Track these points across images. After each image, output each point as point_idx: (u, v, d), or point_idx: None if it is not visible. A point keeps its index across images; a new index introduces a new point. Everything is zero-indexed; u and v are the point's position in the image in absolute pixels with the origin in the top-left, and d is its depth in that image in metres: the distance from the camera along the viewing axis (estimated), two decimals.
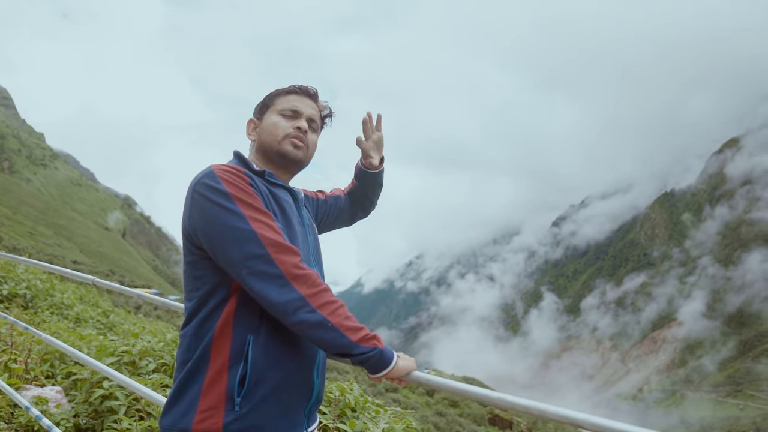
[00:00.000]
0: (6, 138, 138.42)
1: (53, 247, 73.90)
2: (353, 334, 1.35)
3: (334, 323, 1.34)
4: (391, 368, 1.38)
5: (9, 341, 5.57)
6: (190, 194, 1.48)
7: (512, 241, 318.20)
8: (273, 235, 1.41)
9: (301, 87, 1.74)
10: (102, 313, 10.24)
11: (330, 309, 1.35)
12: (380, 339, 1.40)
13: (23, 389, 4.31)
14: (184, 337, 1.48)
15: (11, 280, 9.67)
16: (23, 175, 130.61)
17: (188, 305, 1.50)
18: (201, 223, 1.44)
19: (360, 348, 1.35)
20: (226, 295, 1.44)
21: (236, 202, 1.42)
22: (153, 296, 2.37)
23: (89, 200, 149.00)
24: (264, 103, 1.74)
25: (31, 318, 7.89)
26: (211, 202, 1.42)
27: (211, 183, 1.44)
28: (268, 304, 1.36)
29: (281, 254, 1.38)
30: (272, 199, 1.56)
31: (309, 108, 1.72)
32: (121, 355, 4.57)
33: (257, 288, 1.36)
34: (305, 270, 1.39)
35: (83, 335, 5.99)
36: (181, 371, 1.45)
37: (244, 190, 1.46)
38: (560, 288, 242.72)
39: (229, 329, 1.42)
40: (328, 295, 1.38)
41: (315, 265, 1.63)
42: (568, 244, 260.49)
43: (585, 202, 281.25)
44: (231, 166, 1.52)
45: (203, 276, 1.47)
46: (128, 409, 3.82)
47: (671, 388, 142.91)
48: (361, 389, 4.78)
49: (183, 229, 1.51)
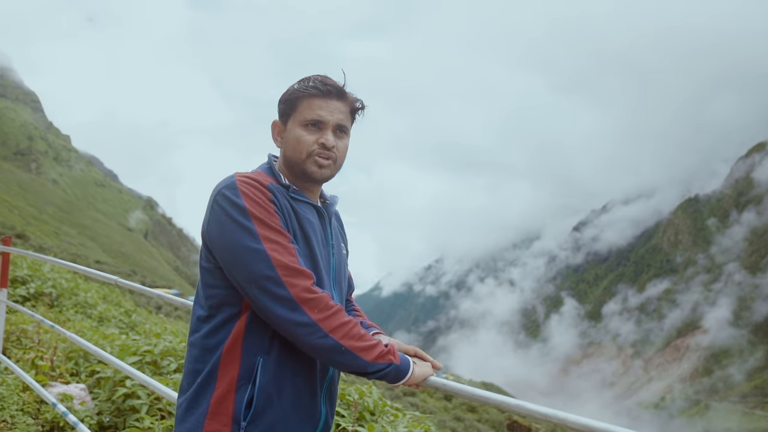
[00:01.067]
0: (34, 140, 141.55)
1: (77, 246, 75.24)
2: (367, 353, 1.34)
3: (347, 346, 1.33)
4: (407, 379, 1.39)
5: (36, 339, 5.70)
6: (210, 202, 1.45)
7: (532, 246, 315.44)
8: (285, 257, 1.36)
9: (326, 85, 1.54)
10: (124, 313, 10.40)
11: (342, 332, 1.34)
12: (395, 351, 1.39)
13: (49, 386, 4.40)
14: (193, 347, 1.46)
15: (38, 278, 9.86)
16: (50, 176, 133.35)
17: (198, 312, 1.48)
18: (216, 235, 1.42)
19: (376, 366, 1.35)
20: (237, 311, 1.42)
21: (252, 220, 1.38)
22: (172, 297, 2.39)
23: (112, 201, 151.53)
24: (286, 106, 1.59)
25: (56, 316, 8.04)
26: (227, 216, 1.39)
27: (230, 195, 1.41)
28: (278, 326, 1.35)
29: (292, 277, 1.34)
30: (294, 218, 1.49)
31: (336, 113, 1.55)
32: (143, 355, 4.63)
33: (267, 309, 1.34)
34: (316, 294, 1.36)
35: (106, 334, 6.09)
36: (191, 382, 1.44)
37: (264, 207, 1.41)
38: (581, 293, 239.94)
39: (238, 348, 1.40)
40: (340, 316, 1.36)
41: (334, 287, 1.58)
42: (589, 249, 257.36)
43: (606, 207, 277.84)
44: (255, 178, 1.46)
45: (216, 285, 1.45)
46: (150, 408, 3.88)
47: (695, 398, 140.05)
48: (380, 393, 4.78)
49: (202, 233, 1.49)
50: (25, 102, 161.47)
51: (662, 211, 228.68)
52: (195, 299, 1.52)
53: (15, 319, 6.74)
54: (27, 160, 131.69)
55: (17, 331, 5.97)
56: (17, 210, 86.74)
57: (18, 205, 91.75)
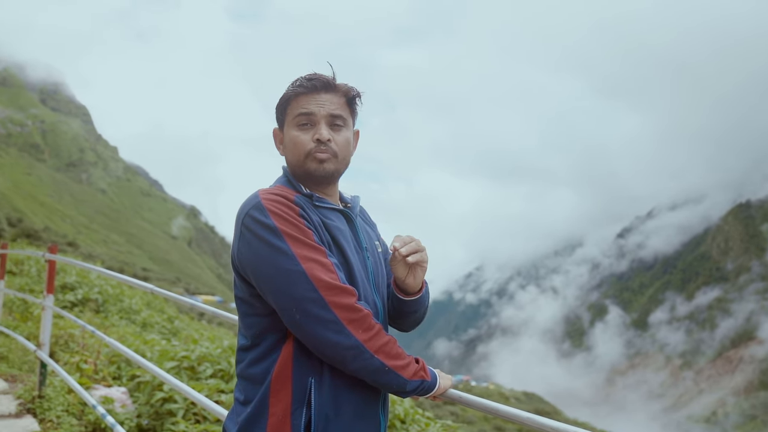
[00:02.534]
0: (85, 152, 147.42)
1: (125, 254, 77.72)
2: (405, 371, 1.34)
3: (390, 366, 1.32)
4: (434, 392, 1.40)
5: (81, 343, 5.92)
6: (238, 226, 1.39)
7: (575, 253, 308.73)
8: (326, 275, 1.31)
9: (311, 80, 1.47)
10: (167, 319, 10.69)
11: (386, 352, 1.32)
12: (425, 367, 1.39)
13: (92, 389, 4.57)
14: (241, 378, 1.44)
15: (85, 285, 10.26)
16: (99, 186, 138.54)
17: (241, 342, 1.45)
18: (249, 260, 1.36)
19: (413, 384, 1.35)
20: (282, 336, 1.38)
21: (286, 239, 1.32)
22: (205, 306, 2.45)
23: (158, 210, 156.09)
24: (279, 111, 1.54)
25: (102, 322, 8.34)
26: (259, 239, 1.34)
27: (259, 217, 1.35)
28: (323, 350, 1.31)
29: (335, 296, 1.30)
30: (324, 228, 1.43)
31: (326, 105, 1.47)
32: (181, 360, 4.76)
33: (311, 334, 1.30)
34: (360, 312, 1.32)
35: (147, 339, 6.28)
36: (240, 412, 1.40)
37: (295, 223, 1.35)
38: (625, 301, 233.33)
39: (288, 373, 1.36)
40: (382, 336, 1.34)
41: (375, 292, 1.51)
42: (634, 257, 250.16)
43: (652, 212, 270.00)
44: (280, 193, 1.40)
45: (255, 314, 1.40)
46: (186, 413, 3.98)
47: (751, 412, 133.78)
48: (415, 401, 4.77)
49: (232, 261, 1.43)
50: (76, 115, 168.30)
51: (711, 217, 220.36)
52: (238, 331, 1.49)
53: (63, 324, 7.03)
54: (78, 171, 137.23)
55: (65, 335, 6.22)
56: (69, 219, 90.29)
57: (70, 214, 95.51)
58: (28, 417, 4.10)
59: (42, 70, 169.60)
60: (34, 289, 9.90)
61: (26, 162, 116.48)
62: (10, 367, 5.43)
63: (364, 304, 1.37)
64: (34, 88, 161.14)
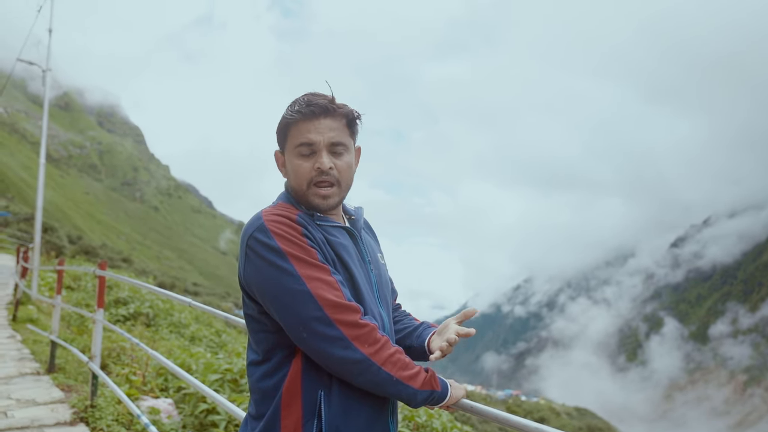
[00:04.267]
0: (139, 171, 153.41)
1: (176, 269, 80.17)
2: (414, 381, 1.35)
3: (398, 377, 1.34)
4: (445, 402, 1.41)
5: (131, 356, 6.15)
6: (243, 248, 1.42)
7: (627, 264, 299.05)
8: (330, 293, 1.34)
9: (309, 105, 1.46)
10: (215, 333, 10.96)
11: (392, 363, 1.34)
12: (435, 376, 1.40)
13: (140, 399, 4.73)
14: (253, 392, 1.47)
15: (137, 300, 10.65)
16: (152, 204, 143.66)
17: (251, 357, 1.48)
18: (256, 282, 1.38)
19: (423, 394, 1.36)
20: (291, 351, 1.41)
21: (290, 260, 1.35)
22: (233, 318, 2.50)
23: (207, 226, 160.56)
24: (279, 136, 1.53)
25: (152, 335, 8.62)
26: (264, 261, 1.36)
27: (263, 238, 1.37)
28: (331, 365, 1.34)
29: (340, 314, 1.33)
30: (328, 245, 1.45)
31: (326, 131, 1.46)
32: (224, 373, 4.88)
33: (318, 351, 1.33)
34: (365, 327, 1.35)
35: (194, 353, 6.46)
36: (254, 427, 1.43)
37: (298, 243, 1.37)
38: (682, 314, 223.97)
39: (297, 386, 1.39)
40: (388, 347, 1.36)
41: (380, 304, 1.55)
42: (690, 267, 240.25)
43: (709, 221, 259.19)
44: (282, 213, 1.42)
45: (264, 330, 1.44)
46: (228, 424, 4.08)
47: None
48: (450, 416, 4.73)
49: (239, 281, 1.46)
50: (130, 135, 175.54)
51: None
52: (248, 346, 1.52)
53: (116, 337, 7.31)
54: (132, 190, 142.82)
55: (117, 348, 6.48)
56: (124, 236, 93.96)
57: (125, 231, 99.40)
58: (81, 425, 4.28)
59: (99, 94, 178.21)
60: (89, 304, 10.35)
61: (85, 182, 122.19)
62: (66, 378, 5.69)
63: (370, 318, 1.40)
64: (92, 111, 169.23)
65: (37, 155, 23.05)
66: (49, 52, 13.75)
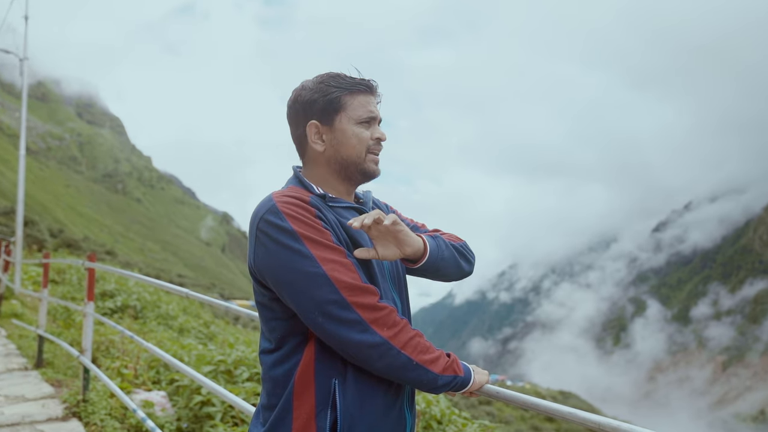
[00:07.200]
0: (120, 162, 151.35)
1: (161, 261, 79.47)
2: (435, 366, 1.32)
3: (418, 361, 1.30)
4: (468, 388, 1.38)
5: (121, 349, 6.06)
6: (253, 231, 1.37)
7: (610, 249, 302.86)
8: (346, 276, 1.30)
9: (369, 83, 1.50)
10: (203, 324, 10.87)
11: (412, 347, 1.30)
12: (457, 361, 1.38)
13: (133, 393, 4.66)
14: (265, 381, 1.43)
15: (124, 292, 10.51)
16: (134, 196, 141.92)
17: (264, 345, 1.45)
18: (268, 265, 1.34)
19: (444, 379, 1.33)
20: (304, 338, 1.37)
21: (305, 242, 1.31)
22: (240, 308, 2.46)
23: (191, 217, 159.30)
24: (330, 104, 1.47)
25: (140, 327, 8.52)
26: (277, 243, 1.31)
27: (275, 220, 1.32)
28: (348, 350, 1.29)
29: (357, 297, 1.29)
30: (341, 229, 1.41)
31: (377, 108, 1.52)
32: (218, 364, 4.82)
33: (335, 335, 1.28)
34: (383, 310, 1.31)
35: (184, 344, 6.39)
36: (267, 417, 1.39)
37: (312, 225, 1.33)
38: (664, 297, 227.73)
39: (310, 375, 1.35)
40: (408, 331, 1.32)
41: (393, 289, 1.50)
42: (671, 251, 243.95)
43: (690, 205, 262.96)
44: (294, 195, 1.38)
45: (276, 318, 1.39)
46: (224, 416, 4.03)
47: None
48: (450, 401, 4.74)
49: (249, 267, 1.41)
50: (111, 127, 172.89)
51: (753, 208, 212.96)
52: (260, 335, 1.49)
53: (104, 330, 7.21)
54: (114, 182, 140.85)
55: (106, 341, 6.38)
56: (107, 228, 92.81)
57: (107, 223, 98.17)
58: (73, 420, 4.21)
59: (76, 84, 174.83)
60: (75, 297, 10.20)
61: (65, 174, 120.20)
62: (56, 373, 5.60)
63: (387, 301, 1.37)
64: (70, 101, 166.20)
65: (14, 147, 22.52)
66: (25, 41, 13.40)
